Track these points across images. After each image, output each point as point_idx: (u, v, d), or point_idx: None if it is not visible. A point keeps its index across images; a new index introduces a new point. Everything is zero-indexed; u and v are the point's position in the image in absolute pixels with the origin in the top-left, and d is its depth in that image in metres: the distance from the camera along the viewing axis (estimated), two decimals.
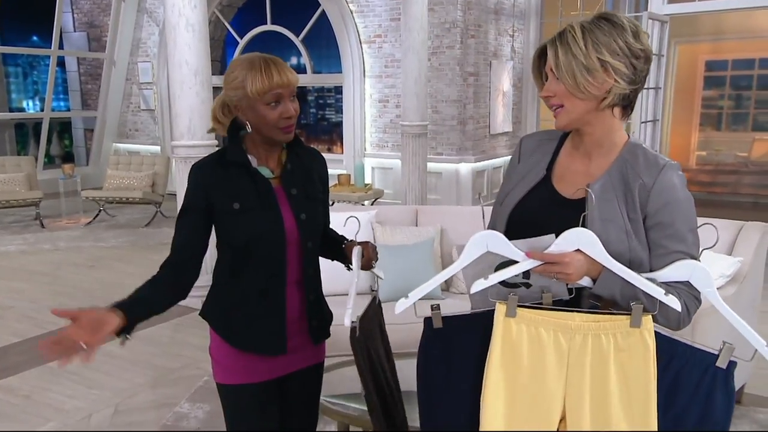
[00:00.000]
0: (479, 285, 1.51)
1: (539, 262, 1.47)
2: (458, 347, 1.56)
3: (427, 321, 1.57)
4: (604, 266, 1.47)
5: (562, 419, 1.46)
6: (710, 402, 1.44)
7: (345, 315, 1.74)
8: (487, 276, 1.51)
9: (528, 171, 1.71)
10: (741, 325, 1.46)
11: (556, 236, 1.49)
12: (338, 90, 10.53)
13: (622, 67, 1.51)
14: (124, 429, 3.44)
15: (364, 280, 3.20)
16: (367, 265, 2.00)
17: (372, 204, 8.09)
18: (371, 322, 1.94)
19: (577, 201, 1.59)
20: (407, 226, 4.24)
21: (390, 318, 3.55)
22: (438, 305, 1.58)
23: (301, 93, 11.50)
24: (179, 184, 5.30)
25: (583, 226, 1.49)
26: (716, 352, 1.43)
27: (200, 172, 1.90)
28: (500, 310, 1.48)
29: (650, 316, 1.43)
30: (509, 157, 9.12)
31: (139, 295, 1.79)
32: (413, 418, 2.77)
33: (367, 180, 9.13)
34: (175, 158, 5.30)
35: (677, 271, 1.48)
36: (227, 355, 1.96)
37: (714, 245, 1.57)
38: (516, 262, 1.50)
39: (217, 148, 5.31)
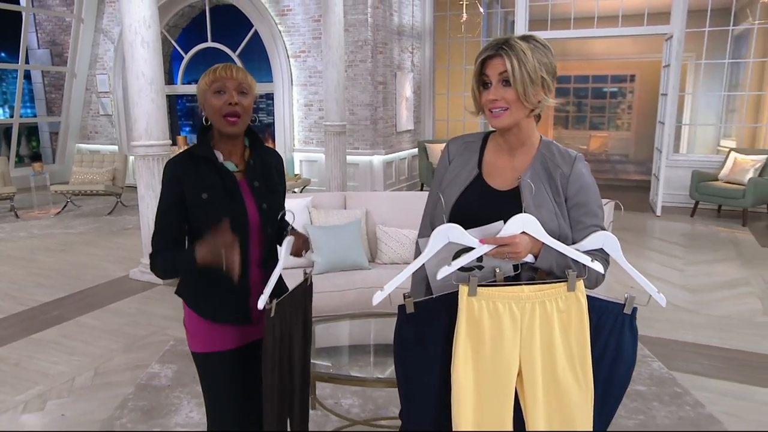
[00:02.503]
0: (444, 272, 1.45)
1: (494, 246, 1.43)
2: (429, 326, 1.49)
3: (401, 307, 1.49)
4: (543, 243, 1.45)
5: (520, 373, 1.44)
6: (621, 341, 1.47)
7: (260, 299, 1.63)
8: (450, 263, 1.46)
9: (460, 170, 1.65)
10: (640, 278, 1.50)
11: (505, 222, 1.45)
12: (269, 96, 10.25)
13: (551, 84, 1.51)
14: (102, 389, 3.22)
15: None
16: (296, 254, 1.86)
17: (301, 191, 7.97)
18: (295, 304, 1.82)
19: (509, 191, 1.57)
20: (338, 210, 4.16)
21: (325, 287, 3.54)
22: (409, 293, 1.50)
23: None
24: (139, 177, 5.00)
25: (522, 212, 1.47)
26: (623, 302, 1.45)
27: (173, 167, 1.75)
28: (463, 290, 1.42)
29: (582, 280, 1.43)
30: (413, 150, 9.20)
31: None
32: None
33: (297, 171, 9.00)
34: (135, 156, 4.97)
35: (593, 240, 1.49)
36: (200, 327, 1.83)
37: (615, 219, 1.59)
38: (471, 248, 1.45)
39: (170, 147, 5.09)
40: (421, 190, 9.22)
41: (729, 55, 8.78)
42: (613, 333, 1.46)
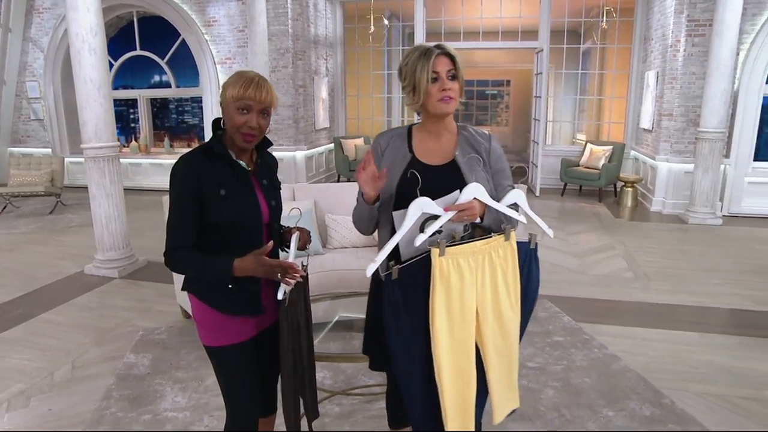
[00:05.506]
0: (422, 238, 1.50)
1: (456, 212, 1.51)
2: (410, 287, 1.53)
3: (387, 276, 1.51)
4: (486, 205, 1.57)
5: (477, 312, 1.57)
6: (530, 270, 1.66)
7: (279, 290, 1.64)
8: (424, 230, 1.51)
9: (394, 157, 1.69)
10: (537, 219, 1.66)
11: (460, 191, 1.53)
12: (195, 100, 9.68)
13: None
14: (83, 381, 2.93)
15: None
16: (302, 247, 1.82)
17: None
18: (297, 291, 1.78)
19: (443, 166, 1.66)
20: (288, 201, 4.04)
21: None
22: (394, 263, 1.52)
23: (164, 103, 10.36)
24: (90, 178, 4.55)
25: (463, 183, 1.58)
26: (528, 241, 1.64)
27: (189, 164, 1.60)
28: (435, 252, 1.48)
29: (513, 231, 1.59)
30: (330, 145, 9.20)
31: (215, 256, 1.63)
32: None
33: None
34: (86, 158, 4.49)
35: (510, 197, 1.62)
36: (214, 320, 1.69)
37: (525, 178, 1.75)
38: (435, 216, 1.52)
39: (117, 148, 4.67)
40: (338, 181, 9.17)
41: (580, 67, 9.53)
42: (525, 264, 1.63)
